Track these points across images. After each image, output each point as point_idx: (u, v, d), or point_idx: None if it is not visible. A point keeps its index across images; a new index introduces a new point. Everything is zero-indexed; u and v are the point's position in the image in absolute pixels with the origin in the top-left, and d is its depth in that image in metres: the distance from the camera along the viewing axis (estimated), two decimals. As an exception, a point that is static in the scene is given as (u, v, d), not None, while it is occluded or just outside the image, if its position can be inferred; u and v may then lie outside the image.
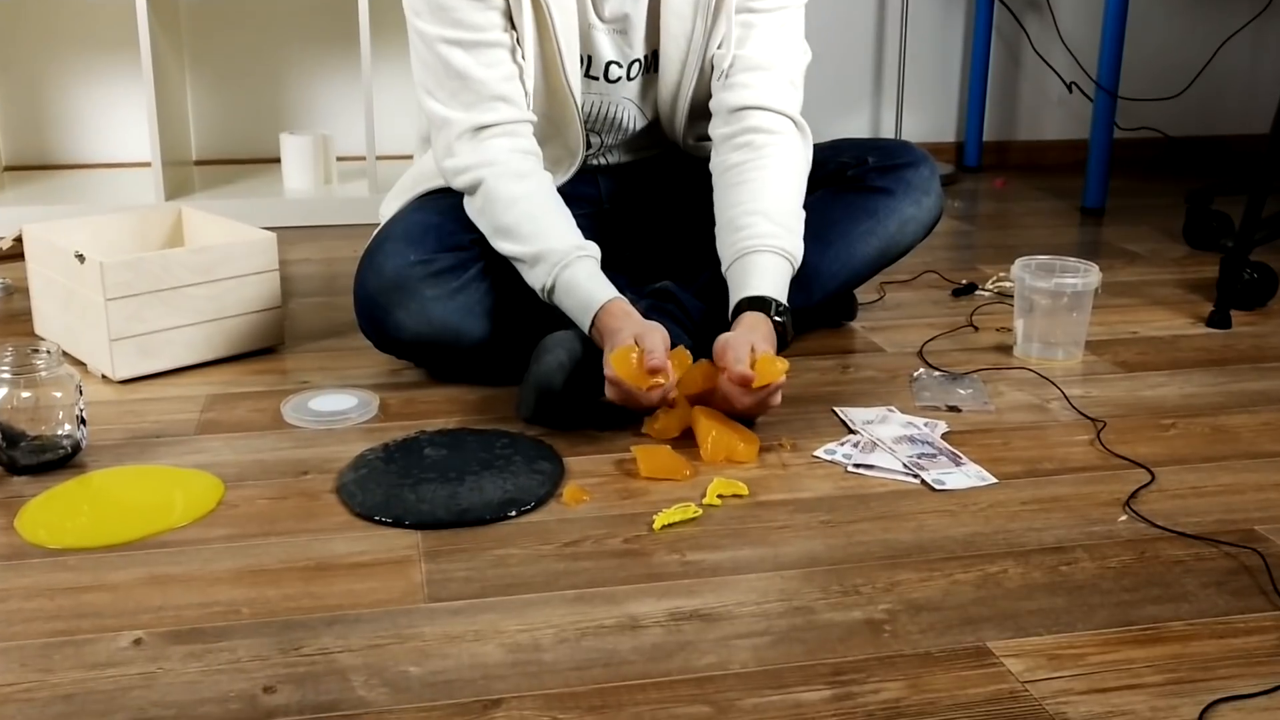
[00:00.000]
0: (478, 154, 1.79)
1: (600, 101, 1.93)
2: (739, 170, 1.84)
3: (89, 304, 1.86)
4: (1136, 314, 2.28)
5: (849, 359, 2.02)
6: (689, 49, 1.87)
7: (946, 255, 2.69)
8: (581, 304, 1.71)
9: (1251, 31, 3.77)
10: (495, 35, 1.78)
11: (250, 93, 3.35)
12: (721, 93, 1.89)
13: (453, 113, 1.79)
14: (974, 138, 3.74)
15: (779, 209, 1.81)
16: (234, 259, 1.95)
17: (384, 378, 1.91)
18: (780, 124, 1.87)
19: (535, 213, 1.77)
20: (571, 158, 1.95)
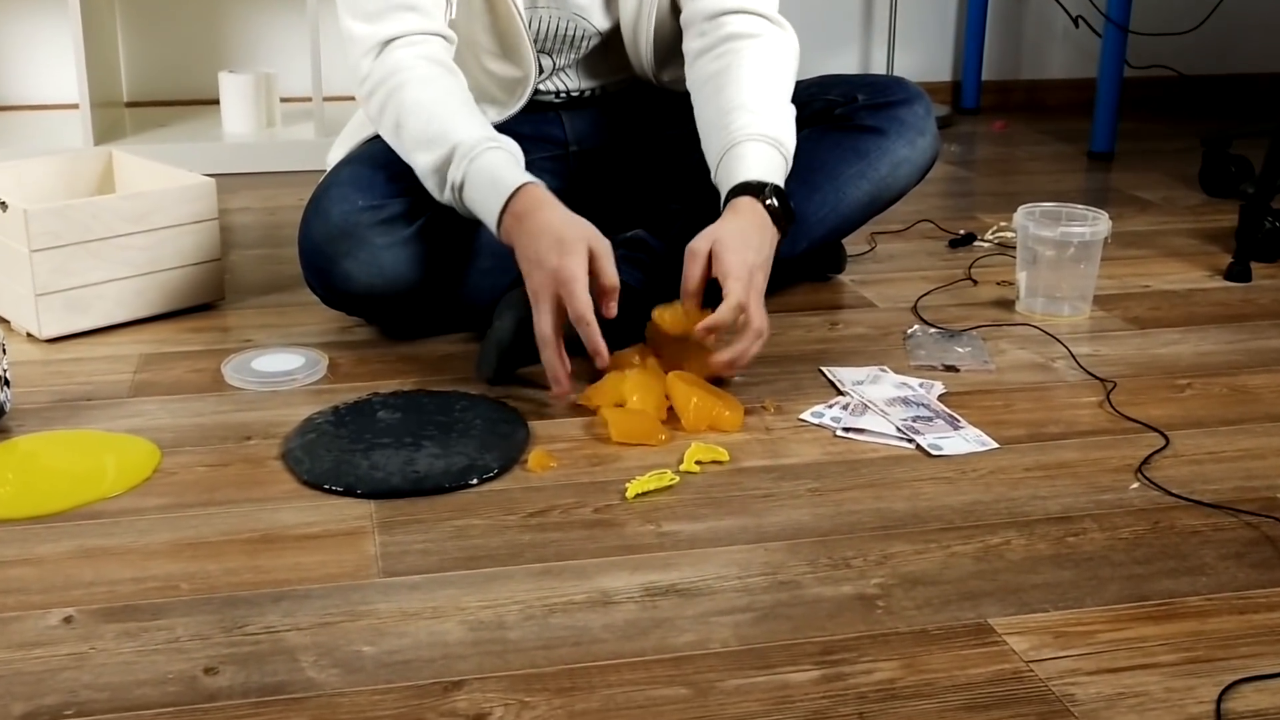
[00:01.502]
0: (380, 67, 1.76)
1: (550, 16, 1.91)
2: (717, 76, 1.83)
3: (12, 255, 1.84)
4: (1149, 266, 2.28)
5: (837, 315, 2.02)
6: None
7: (943, 203, 2.69)
8: (492, 188, 1.65)
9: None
10: None
11: (186, 28, 3.31)
12: (691, 3, 1.88)
13: (358, 25, 1.78)
14: (972, 77, 3.74)
15: (760, 100, 1.79)
16: (169, 206, 1.93)
17: (333, 335, 1.90)
18: (758, 26, 1.86)
19: (444, 111, 1.73)
20: (524, 79, 1.93)
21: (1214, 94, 3.91)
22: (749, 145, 1.75)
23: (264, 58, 3.35)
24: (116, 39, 3.23)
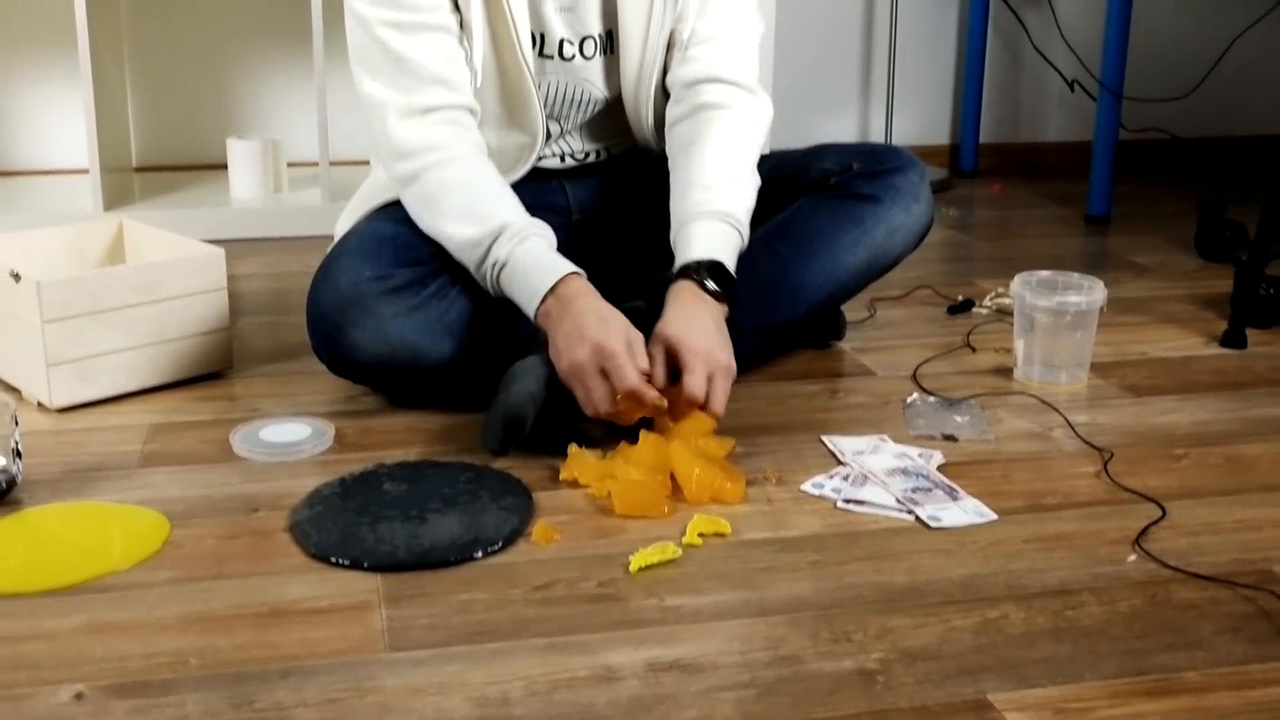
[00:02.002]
0: (422, 139, 1.81)
1: (559, 81, 1.95)
2: (686, 149, 1.90)
3: (25, 326, 1.86)
4: (1145, 332, 2.29)
5: (838, 383, 2.03)
6: (649, 21, 1.91)
7: (941, 268, 2.70)
8: (538, 273, 1.72)
9: (1265, 26, 3.80)
10: (436, 17, 1.82)
11: (194, 94, 3.34)
12: (678, 68, 1.94)
13: (389, 93, 1.82)
14: (970, 140, 3.76)
15: (715, 176, 1.86)
16: (178, 276, 1.95)
17: (339, 405, 1.91)
18: (731, 96, 1.92)
19: (490, 193, 1.80)
20: (532, 143, 1.96)
21: (1209, 156, 3.93)
22: (698, 224, 1.81)
23: (271, 123, 3.38)
24: (126, 104, 3.26)
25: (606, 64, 1.97)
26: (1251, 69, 3.91)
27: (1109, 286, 2.03)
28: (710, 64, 1.92)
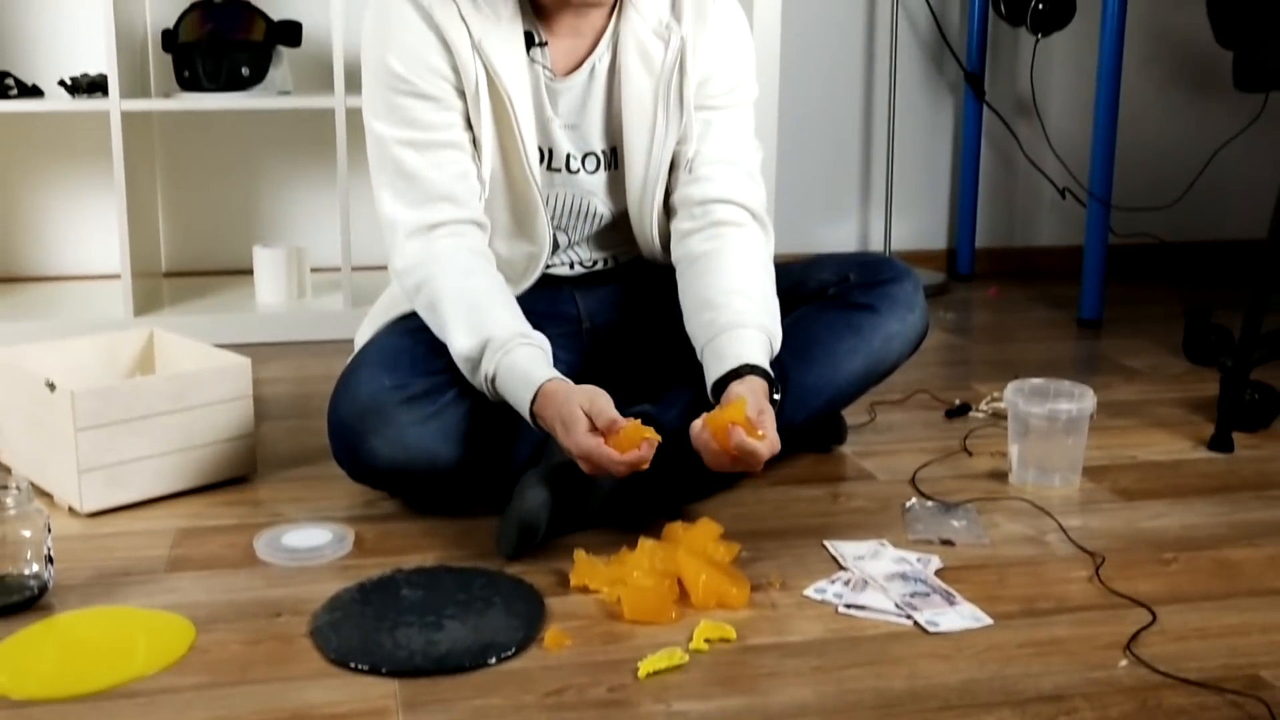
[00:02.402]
0: (425, 253, 1.85)
1: (566, 194, 1.99)
2: (707, 257, 1.93)
3: (58, 433, 1.88)
4: (1136, 436, 2.31)
5: (839, 487, 2.04)
6: (652, 141, 1.95)
7: (939, 372, 2.72)
8: (519, 391, 1.74)
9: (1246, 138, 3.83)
10: (448, 135, 1.87)
11: (223, 203, 3.39)
12: (685, 187, 1.97)
13: (400, 212, 1.87)
14: (966, 244, 3.80)
15: (753, 289, 1.89)
16: (206, 385, 1.97)
17: (359, 509, 1.92)
18: (742, 216, 1.96)
19: (484, 304, 1.82)
20: (538, 253, 1.99)
21: (1197, 260, 3.96)
22: (747, 331, 1.83)
23: (296, 230, 3.42)
24: (157, 213, 3.31)
25: (611, 179, 2.00)
26: (1234, 177, 3.95)
27: (1101, 390, 2.04)
28: (723, 186, 1.95)
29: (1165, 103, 3.91)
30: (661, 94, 1.93)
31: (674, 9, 1.95)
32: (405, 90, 1.86)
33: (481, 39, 1.84)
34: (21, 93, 2.99)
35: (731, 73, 1.99)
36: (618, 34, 1.93)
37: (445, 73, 1.85)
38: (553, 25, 1.91)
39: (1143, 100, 3.87)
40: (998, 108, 3.78)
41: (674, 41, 1.92)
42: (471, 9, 1.85)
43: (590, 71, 1.94)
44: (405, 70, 1.85)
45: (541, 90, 1.92)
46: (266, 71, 3.04)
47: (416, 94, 1.86)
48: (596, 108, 1.96)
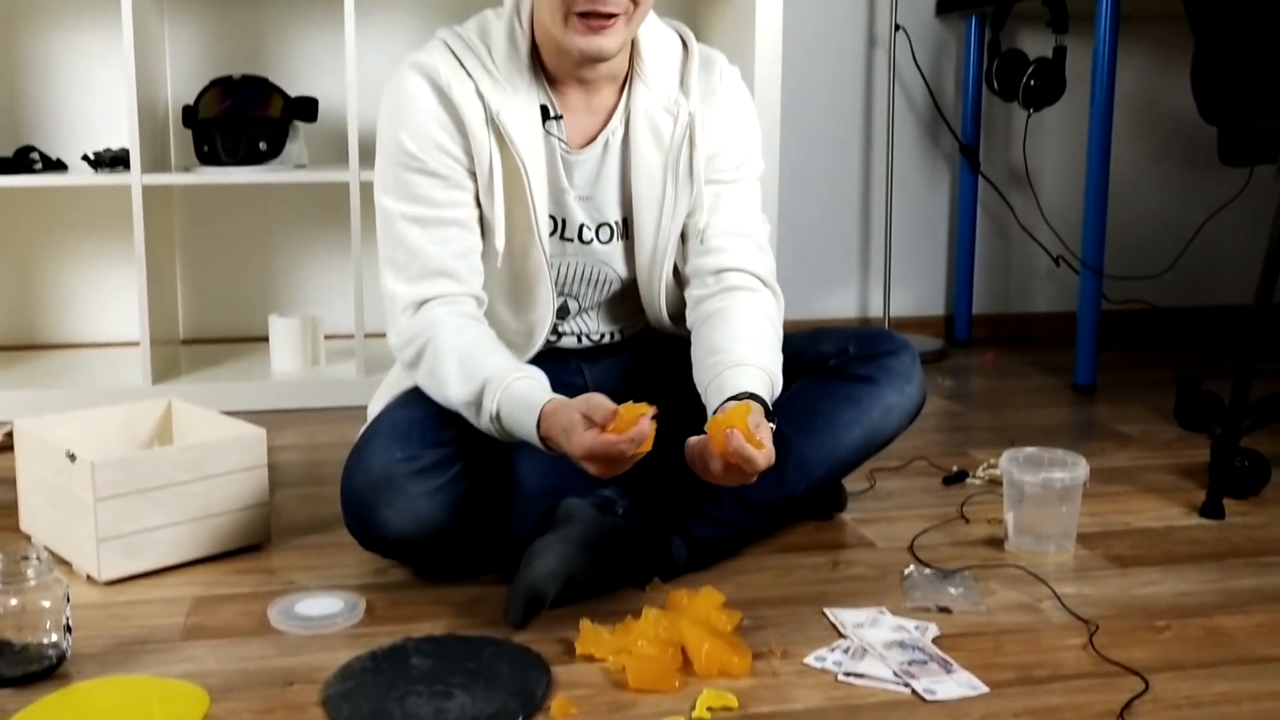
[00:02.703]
0: (420, 323, 1.87)
1: (577, 262, 2.01)
2: (719, 313, 1.94)
3: (77, 503, 1.89)
4: (1129, 503, 2.31)
5: (840, 554, 2.04)
6: (661, 212, 1.97)
7: (937, 438, 2.73)
8: (523, 419, 1.74)
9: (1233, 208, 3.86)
10: (454, 213, 1.89)
11: (239, 273, 3.41)
12: (698, 258, 1.99)
13: (399, 286, 1.89)
14: (963, 311, 3.81)
15: (759, 338, 1.90)
16: (222, 455, 1.98)
17: (370, 577, 1.92)
18: (755, 283, 1.99)
19: (477, 352, 1.83)
20: (542, 321, 2.01)
21: (1188, 326, 3.98)
22: (750, 369, 1.84)
23: (311, 299, 3.44)
24: (176, 282, 3.33)
25: (624, 248, 2.03)
26: (1223, 246, 3.98)
27: (1095, 455, 2.05)
28: (735, 256, 1.98)
29: (1154, 174, 3.94)
30: (671, 167, 1.96)
31: (682, 85, 1.98)
32: (415, 167, 1.88)
33: (499, 111, 1.87)
34: (46, 167, 3.02)
35: (739, 148, 2.02)
36: (629, 109, 1.96)
37: (456, 154, 1.88)
38: (567, 99, 1.94)
39: (1132, 172, 3.90)
40: (992, 179, 3.81)
41: (682, 117, 1.95)
42: (489, 84, 1.88)
43: (604, 145, 1.96)
44: (416, 148, 1.87)
45: (558, 162, 1.95)
46: (284, 146, 3.07)
47: (426, 171, 1.88)
48: (611, 180, 1.98)
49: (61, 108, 3.27)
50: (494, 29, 1.93)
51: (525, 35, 1.91)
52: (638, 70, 1.95)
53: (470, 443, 1.87)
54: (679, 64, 1.99)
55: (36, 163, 3.00)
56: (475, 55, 1.90)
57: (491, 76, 1.88)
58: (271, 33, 3.34)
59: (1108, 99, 3.11)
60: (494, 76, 1.88)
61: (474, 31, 1.93)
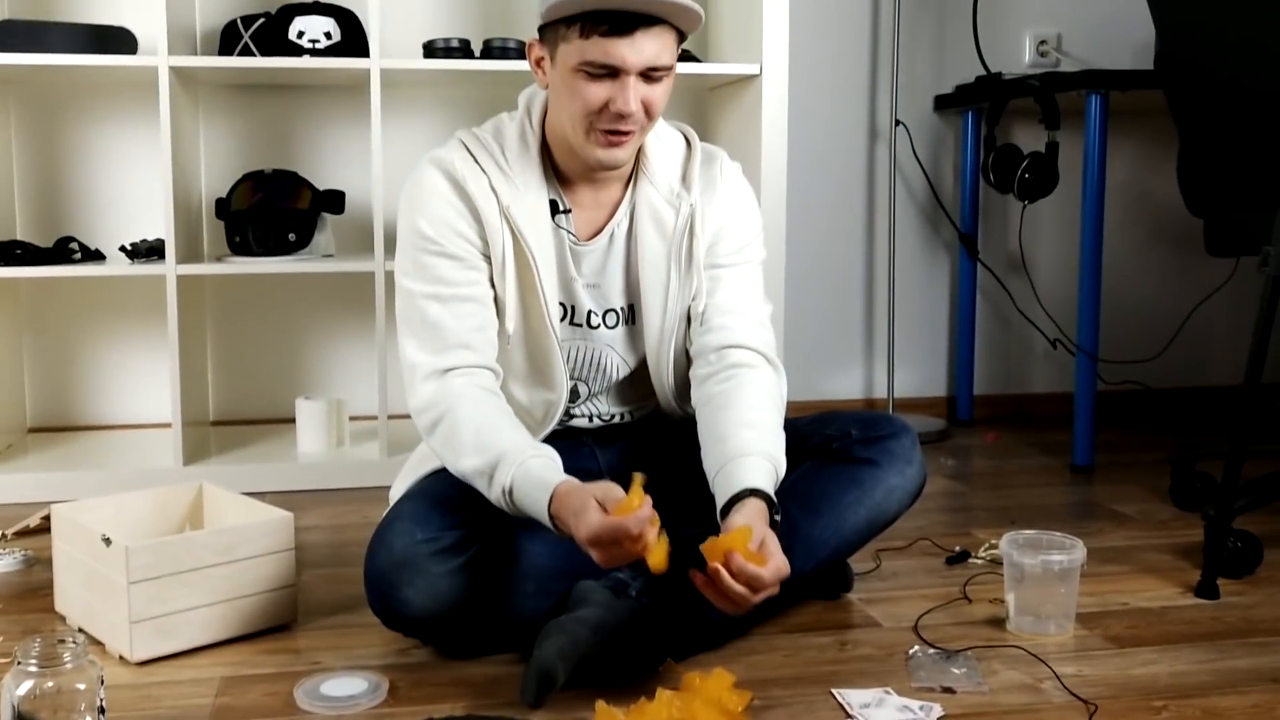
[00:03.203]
0: (439, 391, 1.89)
1: (585, 347, 2.04)
2: (722, 395, 1.96)
3: (111, 586, 1.89)
4: (1126, 583, 2.30)
5: (846, 634, 2.04)
6: (666, 298, 2.00)
7: (940, 518, 2.72)
8: (536, 497, 1.76)
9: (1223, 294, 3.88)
10: (471, 290, 1.93)
11: (268, 357, 3.43)
12: (701, 337, 2.02)
13: (420, 356, 1.91)
14: (964, 392, 3.82)
15: (761, 421, 1.92)
16: (251, 539, 1.98)
17: (393, 657, 1.92)
18: (756, 359, 2.00)
19: (494, 425, 1.85)
20: (556, 401, 2.03)
21: (1182, 406, 3.98)
22: (754, 459, 1.85)
23: (336, 381, 3.46)
24: (206, 366, 3.35)
25: (629, 333, 2.05)
26: (1213, 330, 3.99)
27: (1093, 535, 2.05)
28: (736, 333, 2.00)
29: (1146, 262, 3.96)
30: (674, 256, 1.99)
31: (684, 180, 2.02)
32: (433, 250, 1.92)
33: (510, 206, 1.91)
34: (85, 257, 3.05)
35: (738, 234, 2.05)
36: (634, 202, 2.00)
37: (472, 239, 1.92)
38: (576, 194, 1.99)
39: (1125, 259, 3.92)
40: (990, 266, 3.82)
41: (684, 209, 1.99)
42: (502, 180, 1.92)
43: (610, 236, 2.00)
44: (434, 233, 1.92)
45: (566, 253, 1.98)
46: (312, 237, 3.10)
47: (443, 254, 1.92)
48: (616, 269, 2.02)
49: (100, 200, 3.31)
50: (507, 129, 1.98)
51: (536, 135, 1.96)
52: (643, 167, 2.00)
53: (488, 524, 1.88)
54: (682, 160, 2.04)
55: (76, 253, 3.03)
56: (489, 153, 1.95)
57: (504, 173, 1.93)
58: (301, 129, 3.38)
59: (1099, 191, 3.13)
60: (506, 173, 1.93)
61: (489, 132, 1.99)
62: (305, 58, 2.95)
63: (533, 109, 1.98)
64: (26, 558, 2.38)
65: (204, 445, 3.15)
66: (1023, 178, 3.35)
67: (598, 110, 1.83)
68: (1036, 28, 3.80)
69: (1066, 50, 3.81)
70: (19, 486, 2.86)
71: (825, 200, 3.74)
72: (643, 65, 1.81)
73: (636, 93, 1.82)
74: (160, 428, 3.33)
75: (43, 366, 3.33)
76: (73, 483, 2.86)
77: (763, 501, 1.81)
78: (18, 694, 1.50)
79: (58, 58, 2.81)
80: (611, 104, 1.82)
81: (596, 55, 1.79)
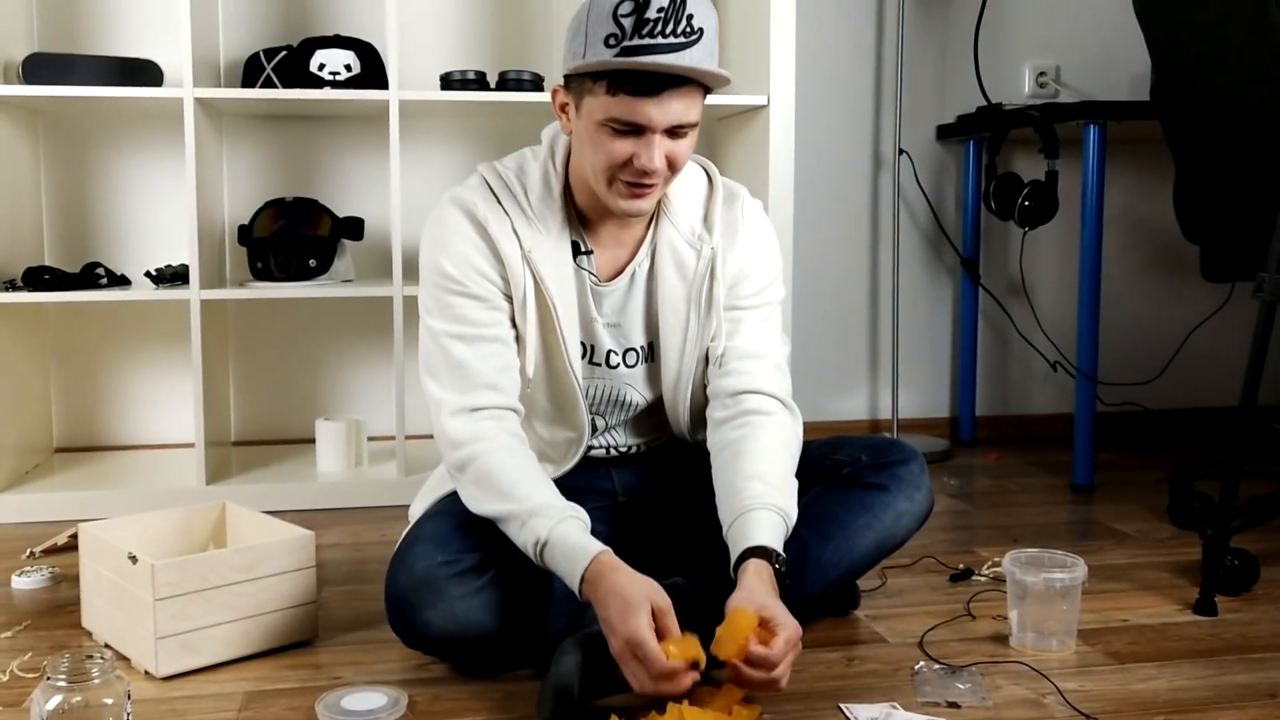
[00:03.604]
0: (470, 431, 1.86)
1: (605, 385, 2.04)
2: (736, 444, 1.94)
3: (137, 603, 1.90)
4: (1126, 600, 2.30)
5: (854, 650, 2.04)
6: (685, 339, 1.99)
7: (945, 537, 2.72)
8: (572, 557, 1.73)
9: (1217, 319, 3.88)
10: (494, 331, 1.91)
11: (289, 379, 3.44)
12: (718, 380, 2.00)
13: (447, 395, 1.89)
14: (967, 413, 3.82)
15: (772, 472, 1.89)
16: (273, 557, 1.99)
17: (411, 672, 1.92)
18: (772, 405, 1.98)
19: (527, 478, 1.83)
20: (579, 439, 2.03)
21: (1179, 427, 3.98)
22: (762, 513, 1.83)
23: (355, 403, 3.47)
24: (229, 387, 3.36)
25: (648, 371, 2.04)
26: (1209, 353, 3.99)
27: (1094, 554, 2.05)
28: (752, 378, 1.98)
29: (1143, 286, 3.96)
30: (694, 298, 1.98)
31: (705, 221, 2.00)
32: (457, 290, 1.90)
33: (531, 250, 1.90)
34: (111, 282, 3.06)
35: (759, 277, 2.03)
36: (655, 242, 1.99)
37: (494, 279, 1.90)
38: (597, 234, 1.97)
39: (1123, 284, 3.93)
40: (992, 290, 3.83)
41: (705, 251, 1.97)
42: (524, 223, 1.91)
43: (631, 277, 1.99)
44: (457, 273, 1.90)
45: (587, 294, 1.97)
46: (332, 263, 3.11)
47: (467, 294, 1.90)
48: (637, 308, 2.00)
49: (126, 227, 3.32)
50: (531, 170, 1.95)
51: (559, 177, 1.93)
52: (664, 206, 1.98)
53: (506, 548, 1.87)
54: (703, 199, 2.02)
55: (102, 278, 3.04)
56: (512, 194, 1.93)
57: (526, 216, 1.91)
58: (322, 158, 3.40)
59: (1097, 218, 3.14)
60: (528, 216, 1.91)
61: (512, 170, 1.96)
62: (326, 89, 2.97)
63: (556, 149, 1.95)
64: (54, 575, 2.39)
65: (226, 465, 3.16)
66: (1023, 205, 3.35)
67: (621, 164, 1.80)
68: (1036, 60, 3.82)
69: (1065, 82, 3.82)
70: (46, 505, 2.87)
71: (831, 227, 3.75)
72: (668, 124, 1.76)
73: (661, 149, 1.78)
74: (184, 448, 3.35)
75: (69, 388, 3.34)
76: (99, 501, 2.87)
77: (765, 561, 1.79)
78: (47, 709, 1.51)
79: (85, 89, 2.83)
80: (635, 159, 1.78)
81: (622, 113, 1.75)
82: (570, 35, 1.79)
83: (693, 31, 1.73)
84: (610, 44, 1.72)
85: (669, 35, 1.72)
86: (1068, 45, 3.83)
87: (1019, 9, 3.80)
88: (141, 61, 2.96)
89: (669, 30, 1.72)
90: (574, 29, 1.78)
